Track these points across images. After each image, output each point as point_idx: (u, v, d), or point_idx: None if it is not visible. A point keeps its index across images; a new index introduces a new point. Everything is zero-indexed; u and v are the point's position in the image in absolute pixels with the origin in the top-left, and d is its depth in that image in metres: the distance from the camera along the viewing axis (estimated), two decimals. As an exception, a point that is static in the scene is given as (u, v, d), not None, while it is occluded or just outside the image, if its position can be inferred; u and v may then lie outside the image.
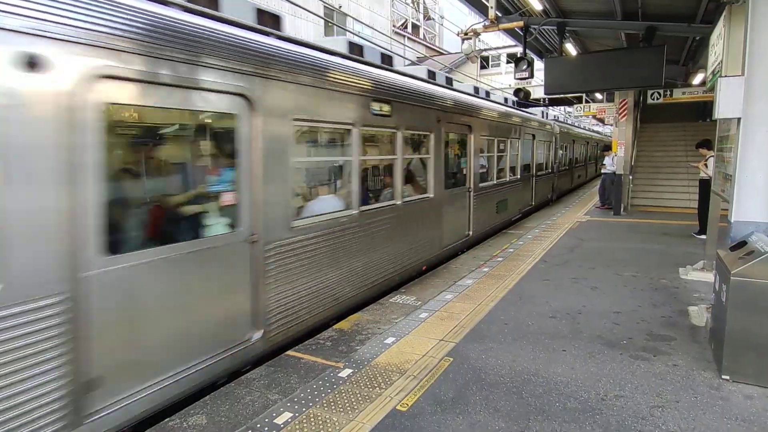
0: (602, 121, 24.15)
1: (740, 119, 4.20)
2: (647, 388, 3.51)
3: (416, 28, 30.20)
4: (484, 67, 29.25)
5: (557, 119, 18.75)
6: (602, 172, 14.42)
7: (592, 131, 28.40)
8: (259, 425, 3.05)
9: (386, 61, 6.31)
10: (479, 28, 9.59)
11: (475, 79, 21.65)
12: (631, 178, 13.14)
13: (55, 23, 2.50)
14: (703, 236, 8.06)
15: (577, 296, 5.68)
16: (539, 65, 11.03)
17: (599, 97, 18.87)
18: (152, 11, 3.06)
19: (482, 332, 4.57)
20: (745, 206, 4.18)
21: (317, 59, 4.56)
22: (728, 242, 4.20)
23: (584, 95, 19.26)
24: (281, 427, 3.03)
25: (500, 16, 9.83)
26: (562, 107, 25.53)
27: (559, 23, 9.73)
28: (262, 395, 3.48)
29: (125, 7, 2.87)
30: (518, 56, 9.90)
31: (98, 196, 2.76)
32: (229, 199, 3.72)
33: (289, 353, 4.18)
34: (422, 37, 30.69)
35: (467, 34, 9.76)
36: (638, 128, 15.64)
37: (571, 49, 11.63)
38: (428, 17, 31.64)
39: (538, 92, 15.08)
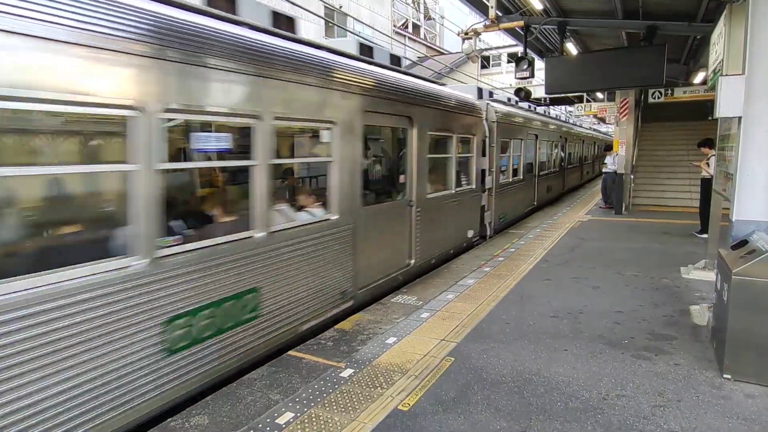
0: (603, 120, 24.13)
1: (741, 118, 4.20)
2: (649, 387, 3.51)
3: (417, 28, 30.21)
4: (485, 66, 29.23)
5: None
6: (603, 171, 14.41)
7: (575, 124, 22.47)
8: (260, 425, 3.05)
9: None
10: (480, 27, 9.59)
11: (476, 78, 21.65)
12: (632, 177, 13.13)
13: None
14: (704, 235, 8.05)
15: (578, 296, 5.67)
16: (540, 65, 11.03)
17: (600, 96, 18.86)
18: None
19: (483, 332, 4.57)
20: (746, 205, 4.18)
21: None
22: (729, 241, 4.20)
23: (585, 95, 19.26)
24: (283, 427, 3.03)
25: (501, 15, 9.82)
26: (563, 106, 25.52)
27: (559, 23, 9.73)
28: (263, 395, 3.49)
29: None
30: (519, 56, 9.90)
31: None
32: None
33: (290, 353, 4.19)
34: (423, 36, 30.70)
35: (468, 33, 9.77)
36: (639, 127, 15.62)
37: (571, 48, 11.63)
38: (429, 17, 31.64)
39: (539, 92, 15.06)
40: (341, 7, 21.28)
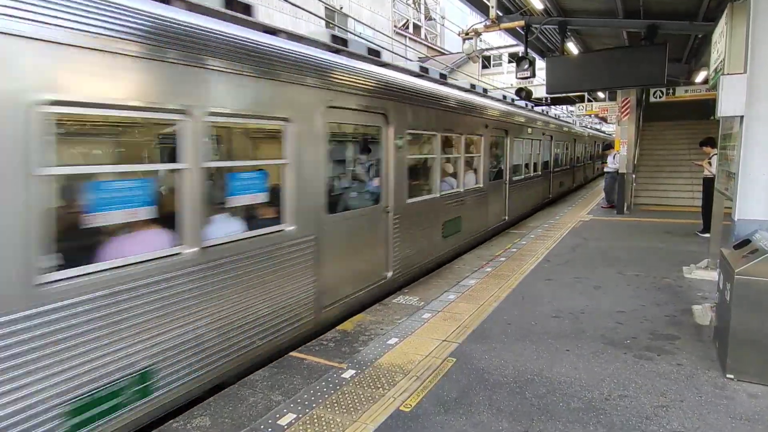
0: (605, 119, 24.12)
1: (742, 117, 4.19)
2: (651, 387, 3.50)
3: (417, 28, 30.21)
4: (485, 66, 29.23)
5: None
6: (605, 170, 14.39)
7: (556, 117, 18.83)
8: (262, 426, 3.05)
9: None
10: (480, 27, 9.57)
11: (476, 78, 21.65)
12: (633, 177, 13.11)
13: None
14: (706, 235, 8.03)
15: (580, 296, 5.66)
16: (541, 64, 11.01)
17: (601, 95, 18.85)
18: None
19: (485, 332, 4.57)
20: (748, 204, 4.17)
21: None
22: (732, 240, 4.19)
23: (586, 94, 19.23)
24: (285, 428, 3.03)
25: (501, 15, 9.80)
26: (564, 106, 25.51)
27: (560, 22, 9.71)
28: (265, 396, 3.49)
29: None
30: (520, 56, 9.87)
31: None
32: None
33: (292, 354, 4.19)
34: (423, 37, 30.70)
35: (468, 34, 9.75)
36: (641, 127, 15.59)
37: (572, 48, 11.60)
38: (429, 17, 31.64)
39: (540, 91, 15.04)
40: (342, 8, 21.30)
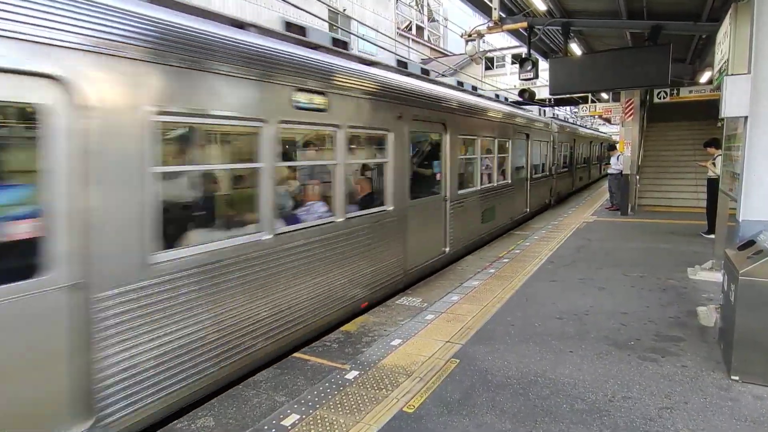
0: (609, 120, 24.05)
1: (747, 118, 4.17)
2: (655, 389, 3.49)
3: (420, 30, 30.24)
4: (488, 68, 29.21)
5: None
6: (608, 172, 14.35)
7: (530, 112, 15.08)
8: (266, 427, 3.06)
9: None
10: (483, 29, 9.57)
11: (479, 80, 21.64)
12: (637, 177, 13.07)
13: None
14: (711, 236, 8.00)
15: (584, 297, 5.65)
16: (544, 65, 11.00)
17: (605, 96, 18.79)
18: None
19: (488, 334, 4.56)
20: (753, 205, 4.15)
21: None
22: (736, 241, 4.17)
23: (590, 95, 19.19)
24: (288, 428, 3.04)
25: (504, 17, 9.79)
26: (567, 107, 25.45)
27: (563, 23, 9.70)
28: (269, 397, 3.50)
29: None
30: (523, 57, 9.86)
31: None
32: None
33: (295, 355, 4.20)
34: (426, 39, 30.72)
35: (471, 35, 9.74)
36: (645, 127, 15.54)
37: (575, 49, 11.58)
38: (432, 19, 31.67)
39: (543, 93, 15.03)
40: (344, 10, 21.34)
